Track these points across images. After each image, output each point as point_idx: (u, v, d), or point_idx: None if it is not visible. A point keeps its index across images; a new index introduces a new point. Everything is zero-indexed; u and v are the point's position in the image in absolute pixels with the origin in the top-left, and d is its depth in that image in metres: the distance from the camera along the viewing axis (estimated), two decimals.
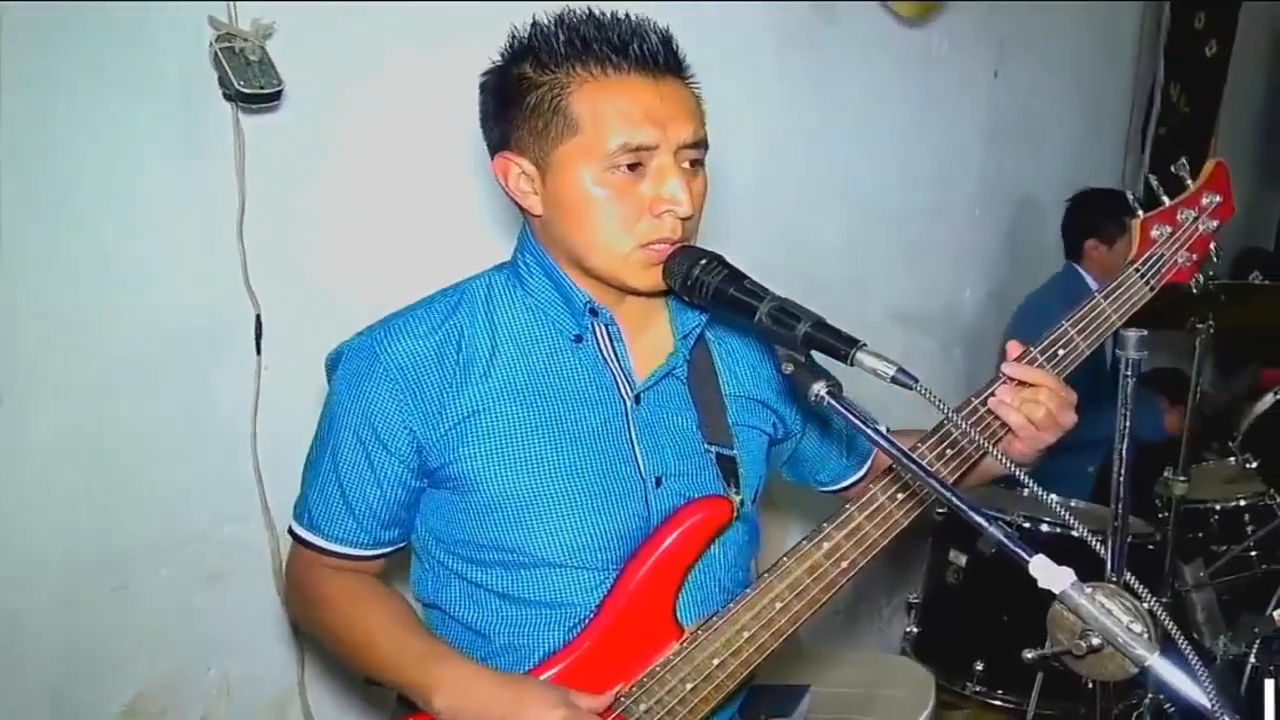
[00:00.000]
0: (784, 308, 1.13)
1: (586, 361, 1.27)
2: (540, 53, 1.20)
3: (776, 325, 1.12)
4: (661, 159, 1.19)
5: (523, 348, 1.26)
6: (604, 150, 1.17)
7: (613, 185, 1.19)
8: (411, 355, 1.23)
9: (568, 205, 1.21)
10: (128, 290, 1.72)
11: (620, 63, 1.18)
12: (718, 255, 1.21)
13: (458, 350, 1.24)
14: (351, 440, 1.25)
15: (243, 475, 1.86)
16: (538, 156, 1.21)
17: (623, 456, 1.26)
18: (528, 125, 1.20)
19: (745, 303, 1.15)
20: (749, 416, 1.38)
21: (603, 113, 1.17)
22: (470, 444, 1.23)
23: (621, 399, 1.27)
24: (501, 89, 1.23)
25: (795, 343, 1.11)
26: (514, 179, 1.24)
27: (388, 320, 1.27)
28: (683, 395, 1.32)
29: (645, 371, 1.30)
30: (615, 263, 1.22)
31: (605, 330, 1.27)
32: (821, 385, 1.08)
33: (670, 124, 1.19)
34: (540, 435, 1.23)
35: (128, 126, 1.68)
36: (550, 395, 1.25)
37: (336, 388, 1.28)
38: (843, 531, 1.25)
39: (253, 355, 1.84)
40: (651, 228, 1.20)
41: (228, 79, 1.66)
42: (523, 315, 1.28)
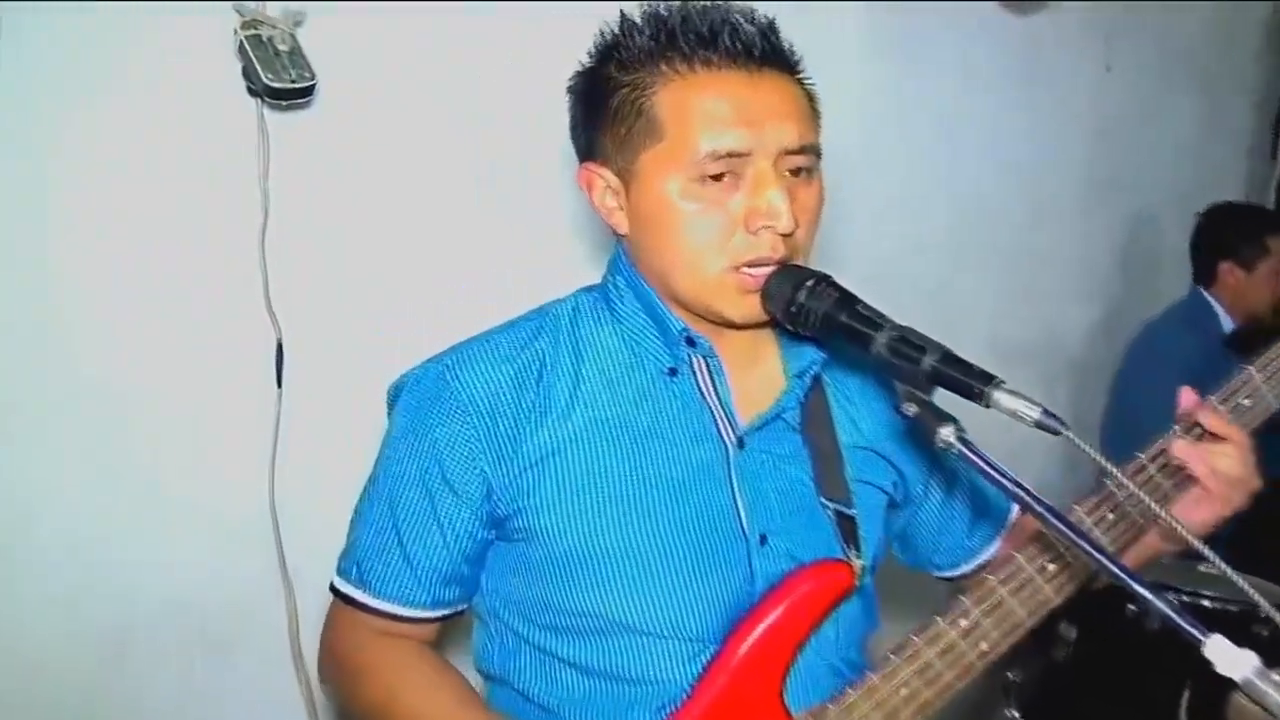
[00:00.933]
0: (906, 338, 1.10)
1: (682, 397, 1.26)
2: (623, 50, 1.21)
3: (897, 358, 1.10)
4: (758, 166, 1.18)
5: (611, 380, 1.26)
6: (690, 157, 1.17)
7: (702, 197, 1.18)
8: (486, 385, 1.23)
9: (651, 221, 1.21)
10: (135, 311, 1.75)
11: (709, 56, 1.18)
12: (825, 275, 1.18)
13: (538, 381, 1.24)
14: (414, 481, 1.24)
15: (256, 527, 1.88)
16: (621, 167, 1.22)
17: (722, 508, 1.24)
18: (610, 132, 1.22)
19: (860, 331, 1.13)
20: (869, 471, 1.35)
21: (688, 114, 1.17)
22: (547, 489, 1.22)
23: (722, 442, 1.25)
24: (587, 93, 1.25)
25: (919, 379, 1.08)
26: (599, 193, 1.25)
27: (460, 346, 1.28)
28: (794, 442, 1.30)
29: (751, 413, 1.28)
30: (705, 287, 1.21)
31: (704, 363, 1.26)
32: (950, 429, 1.06)
33: (768, 125, 1.18)
34: (629, 480, 1.22)
35: (140, 124, 1.72)
36: (640, 435, 1.24)
37: (398, 421, 1.28)
38: (981, 607, 1.21)
39: (272, 386, 1.86)
40: (747, 246, 1.19)
41: (254, 71, 1.70)
42: (612, 344, 1.28)
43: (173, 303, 1.78)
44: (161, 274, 1.76)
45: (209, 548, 1.85)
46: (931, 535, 1.48)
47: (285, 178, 1.82)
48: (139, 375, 1.77)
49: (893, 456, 1.39)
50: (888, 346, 1.11)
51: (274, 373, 1.85)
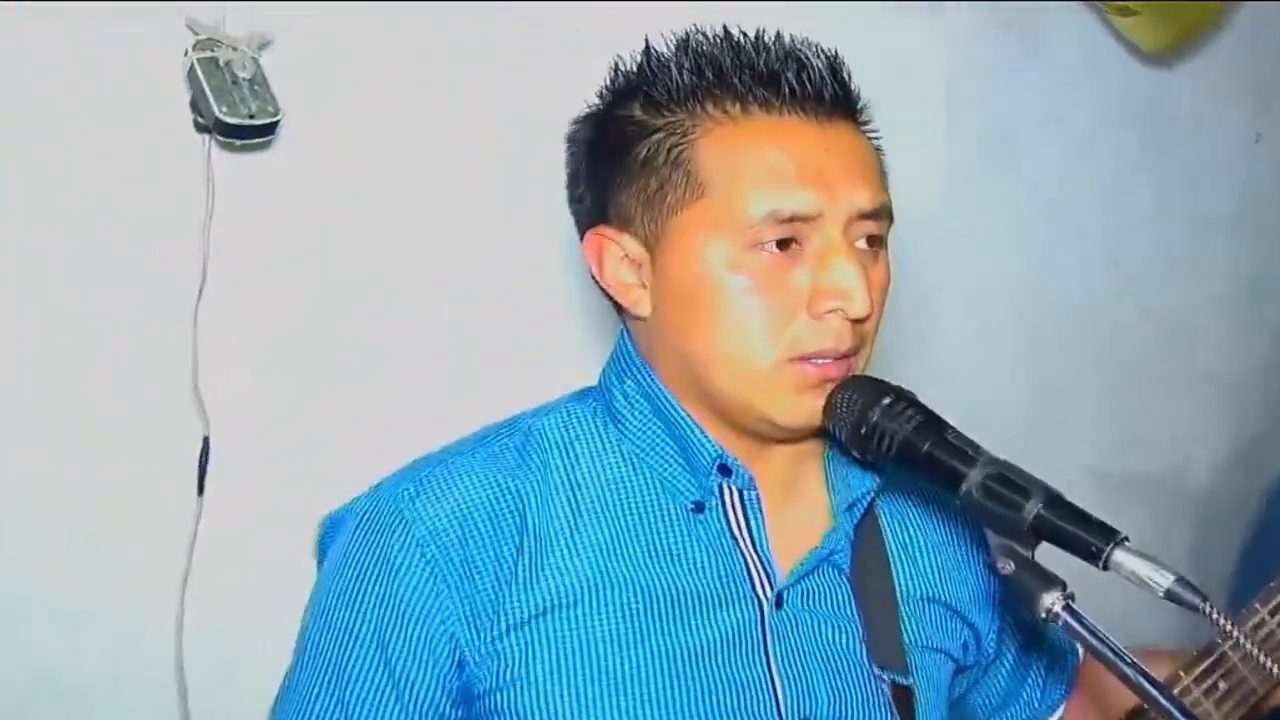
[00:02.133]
0: (1006, 476, 1.09)
1: (709, 541, 1.24)
2: (655, 87, 1.21)
3: (993, 501, 1.08)
4: (827, 234, 1.18)
5: (617, 520, 1.23)
6: (743, 219, 1.16)
7: (755, 271, 1.17)
8: (458, 523, 1.19)
9: (687, 299, 1.20)
10: (37, 389, 1.75)
11: (769, 98, 1.18)
12: (905, 391, 1.18)
13: (523, 518, 1.21)
14: (365, 646, 1.20)
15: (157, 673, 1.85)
16: (648, 232, 1.21)
17: (755, 685, 1.22)
18: (635, 187, 1.21)
19: (948, 466, 1.11)
20: (933, 630, 1.35)
21: (742, 167, 1.17)
22: (537, 661, 1.18)
23: (756, 599, 1.24)
24: (599, 141, 1.25)
25: (1020, 528, 1.06)
26: (611, 265, 1.24)
27: (418, 470, 1.24)
28: (843, 595, 1.29)
29: (790, 558, 1.26)
30: (751, 384, 1.19)
31: (738, 497, 1.25)
32: (1057, 597, 1.04)
33: (840, 184, 1.18)
34: (640, 652, 1.19)
35: (57, 162, 1.72)
36: (655, 592, 1.21)
37: (339, 568, 1.23)
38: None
39: (192, 493, 1.84)
40: (810, 334, 1.18)
41: (204, 102, 1.71)
42: (617, 470, 1.26)
43: (82, 382, 1.77)
44: (70, 347, 1.76)
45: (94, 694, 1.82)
46: (996, 699, 1.51)
47: (232, 235, 1.82)
48: (35, 466, 1.76)
49: (965, 609, 1.40)
50: (982, 487, 1.09)
51: (195, 476, 1.85)
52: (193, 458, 1.84)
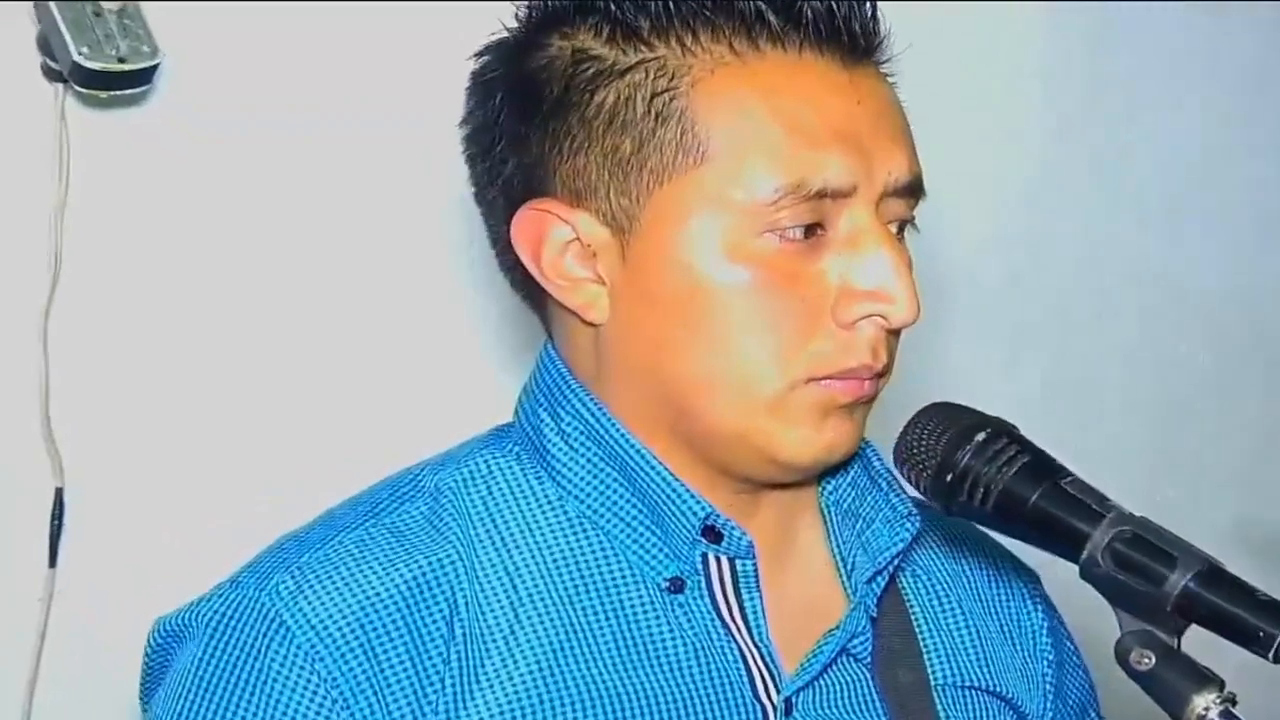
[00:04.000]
0: (1143, 537, 1.08)
1: (690, 631, 1.25)
2: (620, 10, 1.20)
3: (1127, 572, 1.07)
4: (858, 216, 1.19)
5: (567, 608, 1.23)
6: (755, 194, 1.16)
7: (765, 263, 1.18)
8: (360, 621, 1.17)
9: (668, 299, 1.20)
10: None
11: (784, 33, 1.18)
12: (1002, 422, 1.17)
13: (450, 612, 1.20)
14: None
15: None
16: (615, 209, 1.20)
17: None
18: (597, 149, 1.20)
19: (1067, 525, 1.11)
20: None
21: (755, 124, 1.18)
22: None
23: (760, 706, 1.25)
24: (531, 81, 1.23)
25: (1163, 607, 1.06)
26: (553, 254, 1.22)
27: (290, 554, 1.23)
28: (867, 693, 1.31)
29: (793, 647, 1.27)
30: (756, 416, 1.20)
31: (729, 569, 1.26)
32: (1213, 700, 1.03)
33: (875, 149, 1.19)
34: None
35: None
36: (626, 705, 1.21)
37: (188, 697, 1.19)
38: None
39: (42, 567, 1.87)
40: (838, 349, 1.19)
41: (59, 42, 1.73)
42: (561, 539, 1.25)
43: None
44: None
45: None
46: None
47: (93, 214, 1.85)
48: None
49: (1015, 695, 1.41)
50: (1112, 552, 1.09)
51: (46, 540, 1.86)
52: (44, 516, 1.86)
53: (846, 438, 1.22)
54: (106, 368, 1.88)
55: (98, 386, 1.87)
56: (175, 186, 1.90)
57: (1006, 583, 1.47)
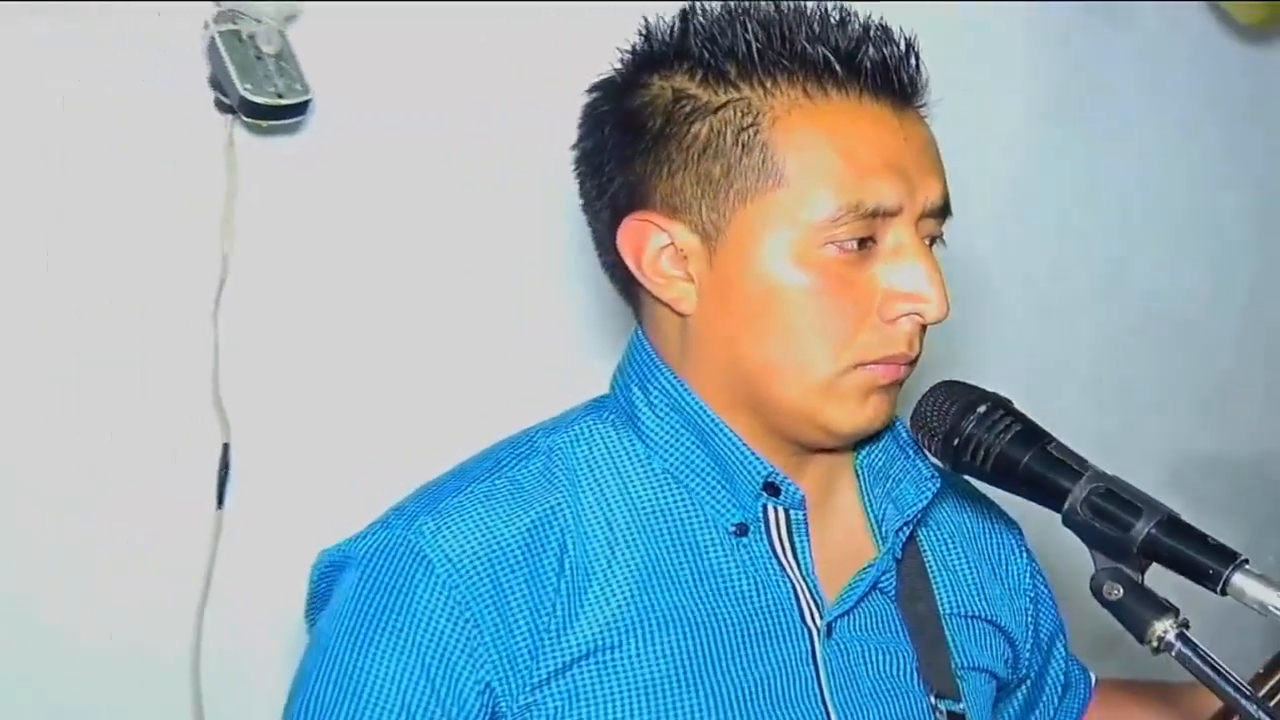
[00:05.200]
0: (1114, 492, 1.10)
1: (752, 567, 1.25)
2: (712, 58, 1.20)
3: (1101, 520, 1.09)
4: (900, 232, 1.20)
5: (654, 546, 1.23)
6: (821, 213, 1.17)
7: (824, 270, 1.18)
8: (488, 557, 1.18)
9: (747, 298, 1.20)
10: (41, 394, 1.77)
11: (847, 81, 1.19)
12: (1000, 397, 1.19)
13: (561, 550, 1.20)
14: (389, 707, 1.17)
15: (170, 700, 1.87)
16: (707, 221, 1.20)
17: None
18: (694, 171, 1.20)
19: (1052, 482, 1.13)
20: (977, 650, 1.38)
21: (824, 156, 1.18)
22: (581, 710, 1.17)
23: (807, 629, 1.26)
24: (637, 115, 1.23)
25: (1130, 549, 1.08)
26: (651, 257, 1.23)
27: (431, 500, 1.23)
28: (892, 620, 1.32)
29: (835, 582, 1.28)
30: (815, 393, 1.21)
31: (784, 518, 1.26)
32: (1169, 625, 1.05)
33: (917, 177, 1.20)
34: (692, 694, 1.19)
35: (63, 143, 1.74)
36: (702, 627, 1.22)
37: (348, 618, 1.21)
38: None
39: (210, 507, 1.86)
40: (880, 340, 1.20)
41: (227, 80, 1.72)
42: (649, 491, 1.26)
43: (92, 386, 1.79)
44: (79, 349, 1.78)
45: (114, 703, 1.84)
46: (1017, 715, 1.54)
47: (256, 225, 1.84)
48: (39, 476, 1.77)
49: (1006, 623, 1.43)
50: (1089, 504, 1.10)
51: (214, 486, 1.86)
52: (212, 467, 1.86)
53: (883, 412, 1.23)
54: (264, 345, 1.88)
55: (257, 360, 1.87)
56: (322, 199, 1.91)
57: (998, 533, 1.48)
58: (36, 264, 1.75)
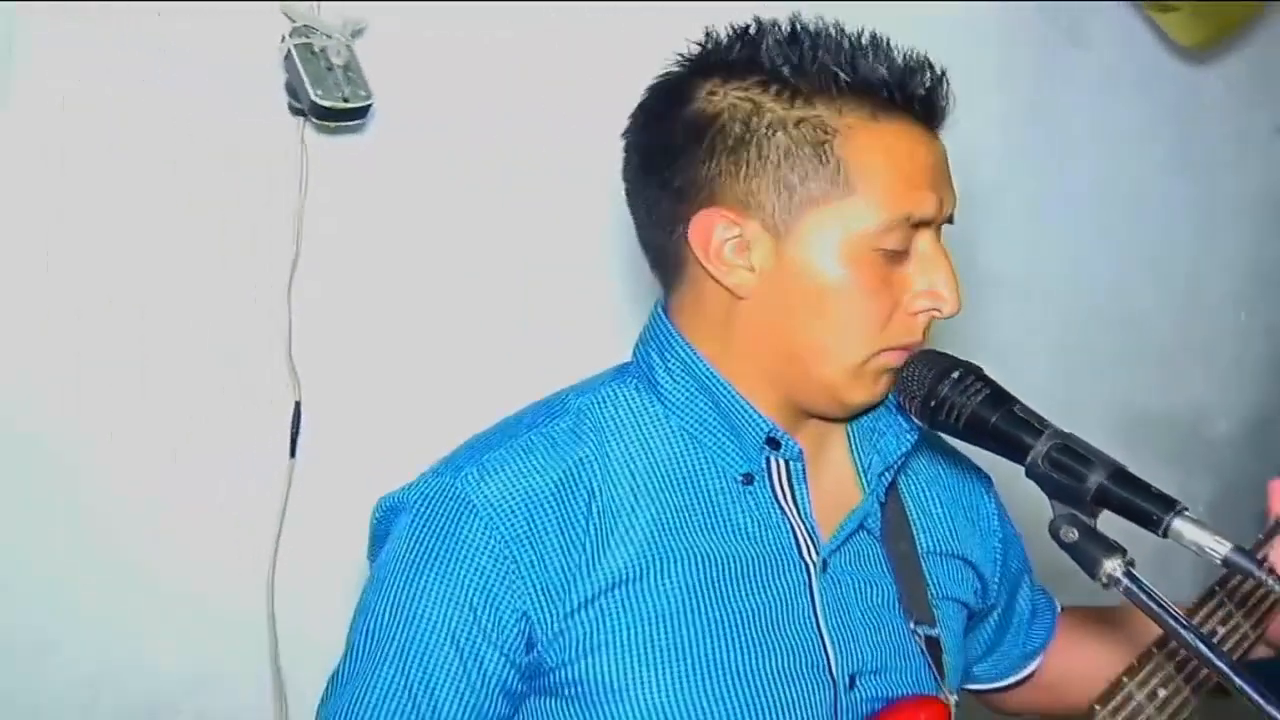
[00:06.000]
0: (1071, 448, 1.11)
1: (757, 511, 1.26)
2: (786, 77, 1.19)
3: (1058, 472, 1.10)
4: (927, 238, 1.21)
5: (671, 493, 1.23)
6: (879, 221, 1.18)
7: (872, 269, 1.19)
8: (525, 503, 1.18)
9: (806, 291, 1.20)
10: (132, 361, 1.78)
11: (898, 104, 1.19)
12: (974, 366, 1.20)
13: (589, 496, 1.20)
14: (437, 632, 1.18)
15: (249, 621, 1.88)
16: (779, 219, 1.19)
17: (807, 648, 1.24)
18: (771, 176, 1.19)
19: (1016, 439, 1.13)
20: (950, 583, 1.40)
21: (881, 170, 1.18)
22: (608, 634, 1.18)
23: (804, 563, 1.26)
24: (713, 121, 1.20)
25: (1083, 498, 1.08)
26: (717, 246, 1.21)
27: (476, 453, 1.23)
28: (877, 556, 1.32)
29: (829, 523, 1.28)
30: (843, 374, 1.22)
31: (784, 468, 1.26)
32: (1117, 562, 1.06)
33: (944, 194, 1.22)
34: (703, 621, 1.20)
35: (160, 141, 1.75)
36: (714, 564, 1.22)
37: (403, 556, 1.21)
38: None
39: (284, 455, 1.87)
40: (903, 329, 1.21)
41: (300, 86, 1.73)
42: (667, 445, 1.26)
43: (176, 350, 1.80)
44: (167, 316, 1.79)
45: (195, 643, 1.84)
46: (985, 643, 1.54)
47: (325, 212, 1.85)
48: (129, 435, 1.78)
49: (976, 560, 1.44)
50: (1048, 458, 1.11)
51: (288, 439, 1.87)
52: (285, 423, 1.86)
53: (887, 389, 1.24)
54: (332, 317, 1.89)
55: (326, 330, 1.88)
56: (382, 191, 1.92)
57: (969, 482, 1.48)
58: (139, 245, 1.76)
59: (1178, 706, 1.28)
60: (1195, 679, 1.29)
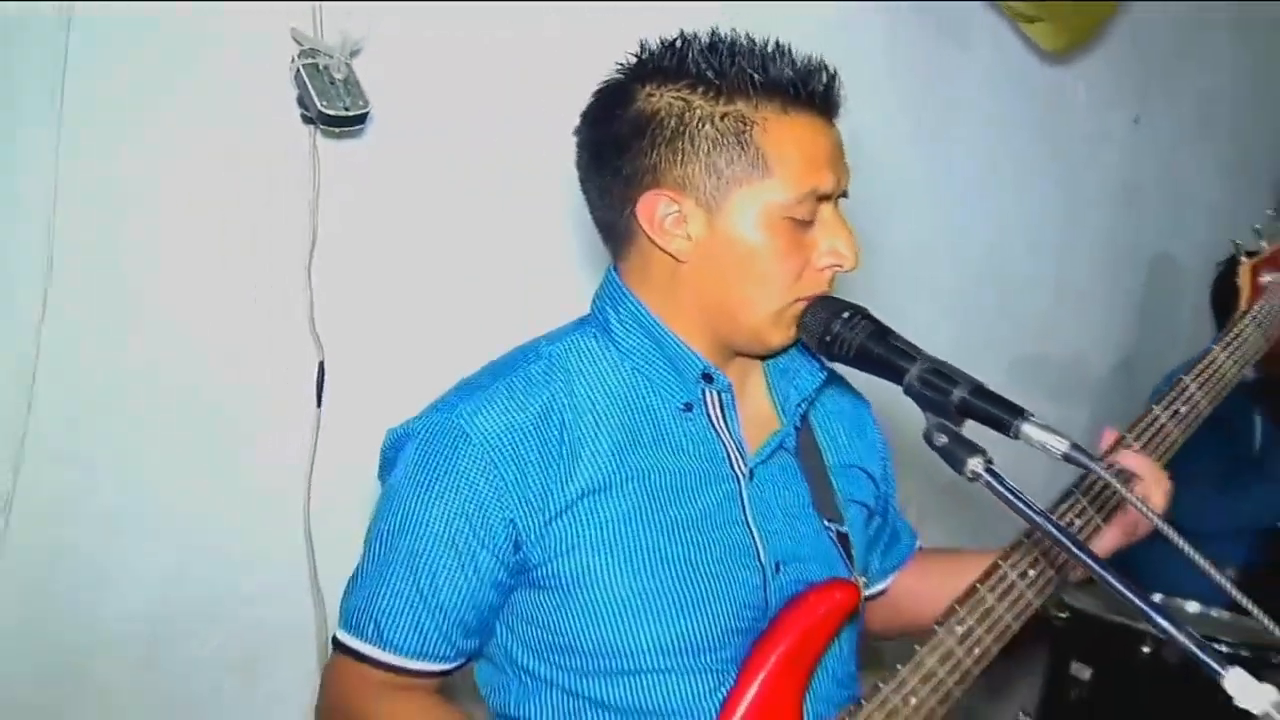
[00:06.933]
0: (939, 370, 1.14)
1: (696, 433, 1.28)
2: (710, 80, 1.20)
3: (929, 390, 1.13)
4: (829, 208, 1.24)
5: (627, 421, 1.25)
6: (791, 196, 1.20)
7: (786, 235, 1.21)
8: (509, 432, 1.20)
9: (734, 254, 1.22)
10: (175, 330, 1.78)
11: (807, 101, 1.21)
12: (860, 307, 1.23)
13: (561, 427, 1.22)
14: (438, 536, 1.20)
15: (292, 546, 1.89)
16: (710, 196, 1.21)
17: (739, 542, 1.27)
18: (704, 162, 1.21)
19: (893, 363, 1.17)
20: (853, 489, 1.42)
21: (791, 155, 1.20)
22: (577, 535, 1.21)
23: (735, 476, 1.28)
24: (653, 118, 1.22)
25: (950, 410, 1.12)
26: (659, 219, 1.23)
27: (467, 394, 1.25)
28: (793, 468, 1.34)
29: (753, 443, 1.30)
30: (765, 320, 1.24)
31: (718, 398, 1.28)
32: (979, 460, 1.09)
33: (841, 172, 1.24)
34: (655, 522, 1.23)
35: (197, 145, 1.74)
36: (662, 476, 1.24)
37: (411, 474, 1.23)
38: (975, 615, 1.27)
39: (312, 407, 1.88)
40: (813, 283, 1.24)
41: (309, 99, 1.72)
42: (622, 382, 1.27)
43: (222, 316, 1.80)
44: (211, 289, 1.79)
45: (243, 561, 1.86)
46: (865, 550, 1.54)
47: (335, 203, 1.85)
48: (182, 389, 1.79)
49: (871, 469, 1.46)
50: (920, 379, 1.15)
51: (314, 392, 1.87)
52: (311, 378, 1.87)
53: (798, 333, 1.26)
54: (346, 289, 1.89)
55: (341, 300, 1.88)
56: (381, 184, 1.92)
57: (860, 410, 1.50)
58: (182, 235, 1.77)
59: (1044, 584, 1.30)
60: (1057, 563, 1.31)
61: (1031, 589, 1.30)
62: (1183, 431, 1.42)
